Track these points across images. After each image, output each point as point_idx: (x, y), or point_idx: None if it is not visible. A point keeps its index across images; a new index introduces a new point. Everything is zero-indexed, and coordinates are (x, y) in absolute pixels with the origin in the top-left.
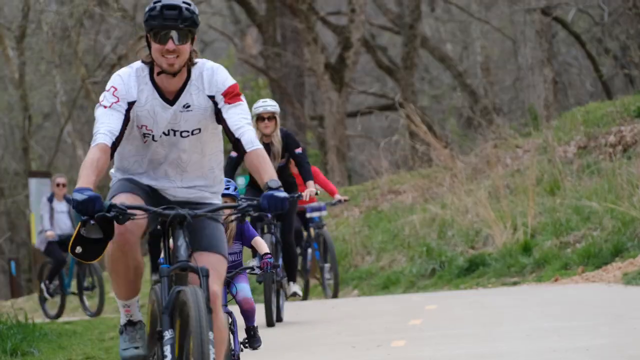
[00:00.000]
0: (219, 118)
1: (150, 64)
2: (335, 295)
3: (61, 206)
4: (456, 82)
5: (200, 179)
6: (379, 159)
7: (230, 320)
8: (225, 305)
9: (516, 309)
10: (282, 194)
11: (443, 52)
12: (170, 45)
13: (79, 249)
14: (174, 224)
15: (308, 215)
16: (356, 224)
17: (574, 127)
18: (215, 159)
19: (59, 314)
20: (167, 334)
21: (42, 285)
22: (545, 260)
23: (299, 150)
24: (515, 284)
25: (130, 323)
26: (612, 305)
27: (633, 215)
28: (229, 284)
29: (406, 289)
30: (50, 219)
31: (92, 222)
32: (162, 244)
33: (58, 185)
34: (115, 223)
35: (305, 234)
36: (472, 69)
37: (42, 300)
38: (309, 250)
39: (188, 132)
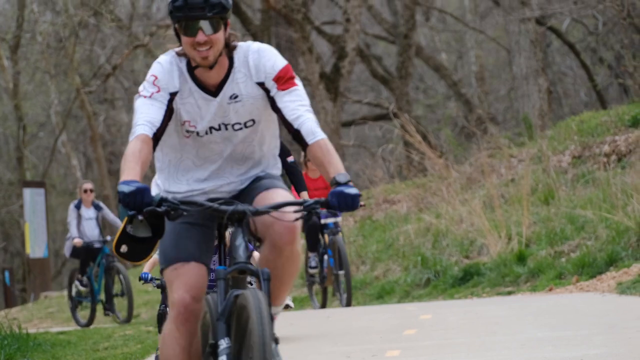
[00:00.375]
0: (274, 107)
1: (186, 56)
2: (348, 304)
3: (89, 213)
4: (451, 92)
5: (256, 168)
6: (374, 169)
7: None
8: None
9: (511, 319)
10: (353, 190)
11: (438, 61)
12: (200, 37)
13: (124, 248)
14: (231, 221)
15: (323, 221)
16: (351, 233)
17: (569, 137)
18: (273, 145)
19: (89, 322)
20: (223, 343)
21: (75, 281)
22: (539, 269)
23: (291, 159)
24: (509, 293)
25: None
26: (607, 315)
27: (627, 224)
28: None
29: (401, 298)
30: (77, 225)
31: (140, 217)
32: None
33: (85, 191)
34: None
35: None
36: (467, 79)
37: (73, 309)
38: (325, 257)
39: (240, 124)
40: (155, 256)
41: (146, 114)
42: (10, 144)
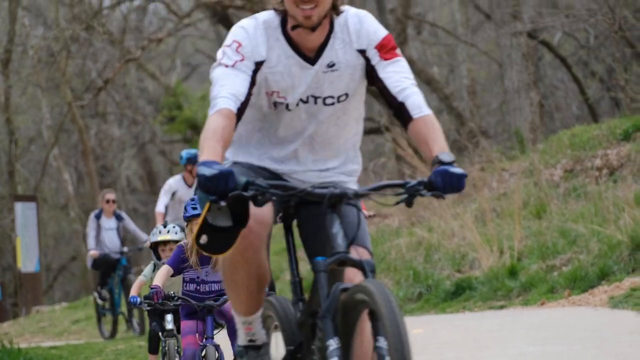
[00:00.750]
0: (374, 78)
1: (283, 14)
2: None
3: (110, 223)
4: (442, 105)
5: (335, 159)
6: (366, 183)
7: (217, 355)
8: (212, 338)
9: (503, 333)
10: (459, 170)
11: (429, 74)
12: None
13: (204, 239)
14: (326, 207)
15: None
16: None
17: (560, 150)
18: (354, 132)
19: (112, 334)
20: (333, 344)
21: (94, 293)
22: (531, 283)
23: None
24: (502, 307)
25: (253, 347)
26: (599, 329)
27: (619, 238)
28: (217, 312)
29: None
30: (96, 237)
31: (222, 203)
32: (286, 239)
33: (108, 201)
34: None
35: None
36: (458, 92)
37: (98, 320)
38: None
39: (333, 98)
40: (141, 277)
41: (230, 85)
42: (2, 157)
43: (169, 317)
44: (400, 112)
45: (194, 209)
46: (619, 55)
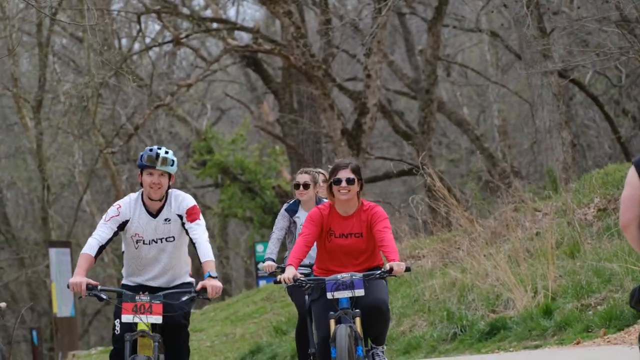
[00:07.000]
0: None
1: None
2: None
3: None
4: (474, 146)
5: None
6: (400, 223)
7: None
8: None
9: None
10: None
11: (460, 116)
12: None
13: None
14: None
15: None
16: None
17: (593, 190)
18: None
19: None
20: None
21: None
22: (566, 323)
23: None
24: (537, 347)
25: None
26: None
27: None
28: None
29: (427, 353)
30: None
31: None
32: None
33: None
34: None
35: None
36: (490, 133)
37: None
38: None
39: None
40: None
41: None
42: (35, 204)
43: None
44: None
45: None
46: None
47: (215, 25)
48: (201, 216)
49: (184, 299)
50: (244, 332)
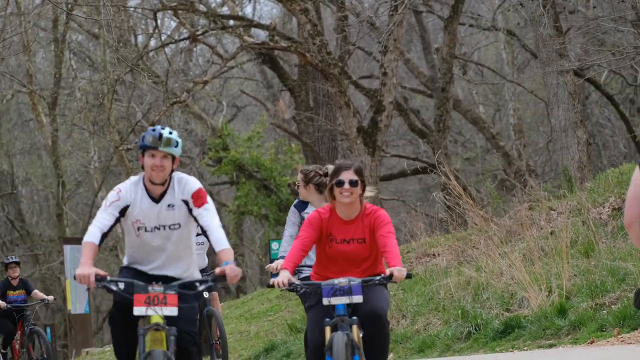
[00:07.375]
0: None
1: None
2: None
3: None
4: (489, 145)
5: None
6: (416, 222)
7: None
8: None
9: None
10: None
11: (475, 114)
12: None
13: None
14: None
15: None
16: (391, 287)
17: (608, 189)
18: None
19: None
20: None
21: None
22: (580, 322)
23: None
24: (551, 346)
25: None
26: None
27: None
28: None
29: (442, 352)
30: None
31: None
32: None
33: None
34: None
35: None
36: (505, 131)
37: None
38: None
39: None
40: None
41: None
42: (50, 200)
43: None
44: None
45: None
46: None
47: (231, 22)
48: (209, 199)
49: (201, 288)
50: (259, 329)
